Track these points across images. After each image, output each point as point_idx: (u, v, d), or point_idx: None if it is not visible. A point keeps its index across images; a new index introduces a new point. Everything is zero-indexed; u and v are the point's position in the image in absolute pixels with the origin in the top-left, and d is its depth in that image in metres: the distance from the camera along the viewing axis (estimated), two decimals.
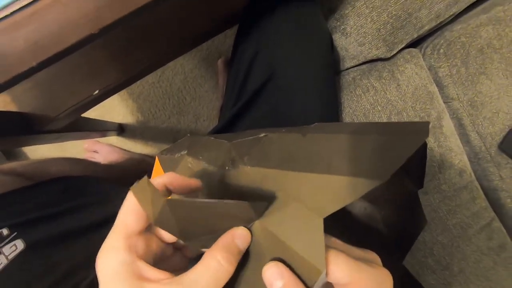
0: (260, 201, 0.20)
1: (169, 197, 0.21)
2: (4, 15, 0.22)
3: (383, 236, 0.30)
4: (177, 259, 0.23)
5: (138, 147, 0.92)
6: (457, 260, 0.53)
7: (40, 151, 0.92)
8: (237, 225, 0.20)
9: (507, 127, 0.55)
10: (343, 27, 0.49)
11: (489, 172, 0.57)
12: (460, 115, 0.56)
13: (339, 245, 0.20)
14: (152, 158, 0.90)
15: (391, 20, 0.48)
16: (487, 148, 0.56)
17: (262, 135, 0.23)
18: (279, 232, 0.19)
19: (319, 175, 0.19)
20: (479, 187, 0.54)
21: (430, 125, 0.52)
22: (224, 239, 0.20)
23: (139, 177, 0.22)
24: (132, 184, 0.20)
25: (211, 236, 0.20)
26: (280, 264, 0.18)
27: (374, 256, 0.20)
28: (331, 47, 0.50)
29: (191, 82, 0.91)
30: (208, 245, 0.20)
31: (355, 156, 0.19)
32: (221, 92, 0.86)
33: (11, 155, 0.91)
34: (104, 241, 0.20)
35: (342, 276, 0.17)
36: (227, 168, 0.23)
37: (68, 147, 0.91)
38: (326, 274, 0.17)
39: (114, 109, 0.90)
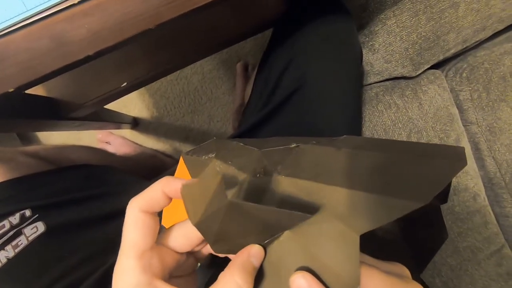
0: (295, 211, 0.20)
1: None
2: (73, 3, 0.23)
3: (400, 248, 0.30)
4: (189, 263, 0.23)
5: (150, 142, 0.93)
6: (465, 283, 0.53)
7: (53, 138, 0.93)
8: (267, 233, 0.20)
9: None
10: (371, 43, 0.51)
11: (502, 198, 0.57)
12: (478, 139, 0.56)
13: (369, 259, 0.19)
14: (164, 154, 0.91)
15: (420, 41, 0.49)
16: (502, 174, 0.56)
17: (293, 145, 0.22)
18: (311, 244, 0.19)
19: (356, 191, 0.19)
20: (491, 212, 0.55)
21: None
22: (240, 258, 0.19)
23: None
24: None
25: (239, 242, 0.20)
26: (307, 274, 0.18)
27: (403, 270, 0.20)
28: (361, 62, 0.50)
29: (208, 83, 0.92)
30: (234, 251, 0.20)
31: (395, 177, 0.19)
32: (237, 96, 0.87)
33: (24, 139, 0.92)
34: (116, 264, 0.19)
35: None
36: (258, 175, 0.23)
37: (82, 136, 0.91)
38: None
39: (131, 102, 0.91)
